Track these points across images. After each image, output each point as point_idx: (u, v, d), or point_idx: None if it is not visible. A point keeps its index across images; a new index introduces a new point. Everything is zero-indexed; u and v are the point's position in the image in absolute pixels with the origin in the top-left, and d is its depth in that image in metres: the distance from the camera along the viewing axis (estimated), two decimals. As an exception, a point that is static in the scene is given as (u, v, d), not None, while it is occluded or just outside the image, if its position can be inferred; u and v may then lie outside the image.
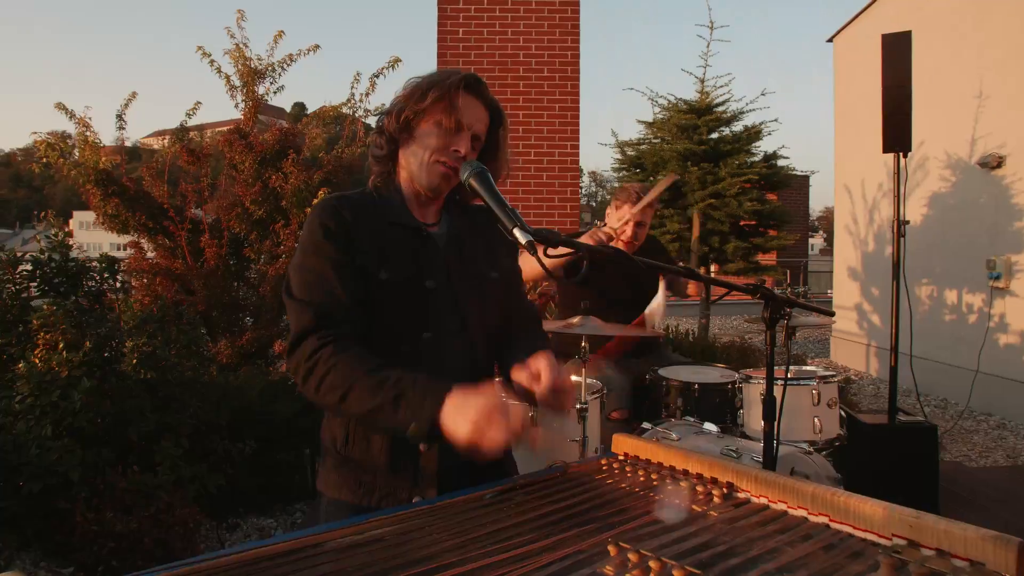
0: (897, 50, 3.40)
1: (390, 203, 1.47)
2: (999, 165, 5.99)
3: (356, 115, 5.74)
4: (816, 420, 2.51)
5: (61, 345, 2.87)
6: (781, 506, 1.04)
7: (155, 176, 5.32)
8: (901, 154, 3.48)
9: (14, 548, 2.72)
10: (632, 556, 0.84)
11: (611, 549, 0.87)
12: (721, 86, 8.12)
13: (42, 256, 3.30)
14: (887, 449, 3.33)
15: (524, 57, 7.08)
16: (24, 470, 2.71)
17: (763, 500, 1.07)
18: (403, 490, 1.41)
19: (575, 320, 2.49)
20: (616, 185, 8.74)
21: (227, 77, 5.36)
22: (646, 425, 2.49)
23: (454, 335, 1.45)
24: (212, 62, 5.25)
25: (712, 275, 7.79)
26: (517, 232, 1.17)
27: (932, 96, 6.74)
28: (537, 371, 1.31)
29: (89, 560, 2.73)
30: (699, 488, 1.12)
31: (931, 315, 6.90)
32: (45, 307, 2.91)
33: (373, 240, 1.41)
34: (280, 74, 5.53)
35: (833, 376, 2.65)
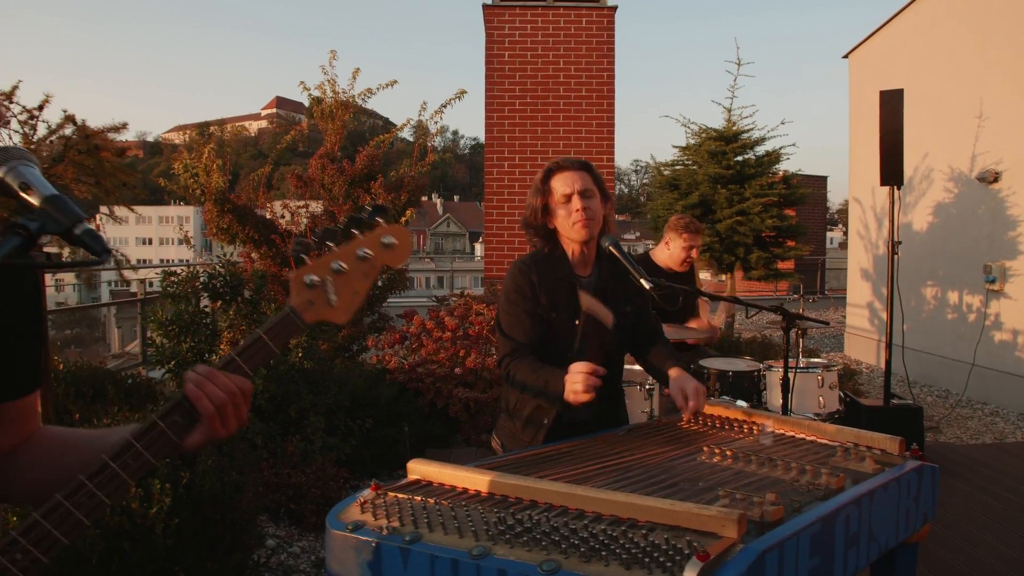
0: (891, 104, 4.18)
1: (559, 261, 2.23)
2: (996, 180, 6.74)
3: (425, 136, 6.64)
4: (821, 398, 3.36)
5: (242, 341, 3.78)
6: (792, 433, 1.90)
7: (254, 190, 6.27)
8: (895, 187, 4.28)
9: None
10: (716, 450, 1.69)
11: (704, 448, 1.74)
12: (746, 116, 8.93)
13: (212, 271, 4.22)
14: (879, 426, 4.13)
15: (564, 78, 7.91)
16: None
17: (781, 431, 1.93)
18: (527, 438, 2.22)
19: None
20: (637, 183, 9.45)
21: (320, 111, 6.29)
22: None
23: (591, 353, 2.23)
24: (311, 95, 6.18)
25: (735, 280, 8.72)
26: (643, 281, 2.03)
27: (937, 114, 7.49)
28: (686, 396, 2.07)
29: (271, 504, 3.64)
30: (746, 427, 1.98)
31: (935, 314, 7.66)
32: (231, 312, 3.81)
33: (548, 291, 2.19)
34: (361, 104, 6.46)
35: (834, 365, 3.48)
